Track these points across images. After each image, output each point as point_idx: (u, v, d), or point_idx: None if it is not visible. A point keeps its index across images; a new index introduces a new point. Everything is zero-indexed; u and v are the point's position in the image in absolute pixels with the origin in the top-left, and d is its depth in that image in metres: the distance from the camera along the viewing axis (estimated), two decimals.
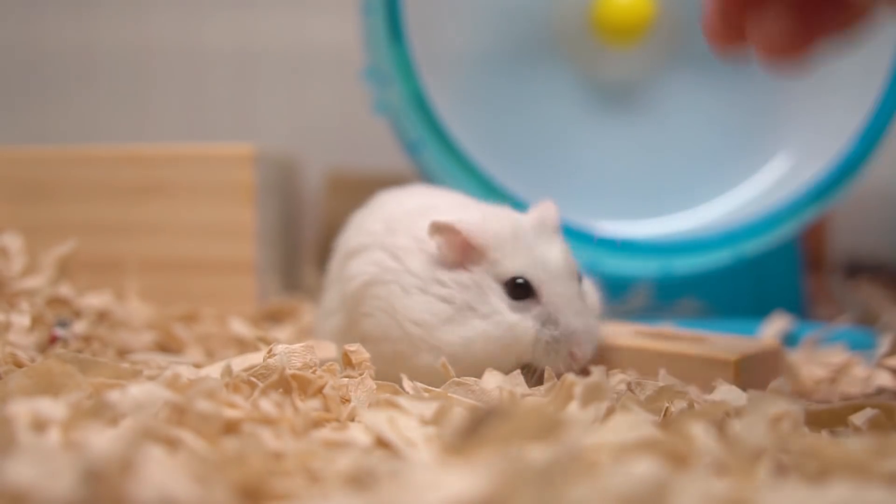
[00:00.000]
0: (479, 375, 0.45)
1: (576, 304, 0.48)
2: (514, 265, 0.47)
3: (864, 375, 0.57)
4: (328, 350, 0.49)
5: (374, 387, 0.43)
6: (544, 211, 0.51)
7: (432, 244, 0.48)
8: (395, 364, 0.47)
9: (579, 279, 0.49)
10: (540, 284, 0.47)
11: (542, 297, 0.47)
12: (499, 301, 0.47)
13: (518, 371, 0.45)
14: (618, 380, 0.46)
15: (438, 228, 0.48)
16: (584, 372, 0.47)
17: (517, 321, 0.47)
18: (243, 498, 0.29)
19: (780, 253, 0.71)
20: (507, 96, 0.73)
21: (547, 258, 0.48)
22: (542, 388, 0.44)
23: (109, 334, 0.59)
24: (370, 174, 0.94)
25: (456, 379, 0.43)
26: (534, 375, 0.47)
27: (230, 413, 0.35)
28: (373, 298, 0.49)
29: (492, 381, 0.43)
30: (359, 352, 0.45)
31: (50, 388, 0.38)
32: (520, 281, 0.47)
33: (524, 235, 0.49)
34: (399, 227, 0.50)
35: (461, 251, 0.48)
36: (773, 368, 0.51)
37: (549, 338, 0.47)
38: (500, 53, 0.73)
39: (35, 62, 1.01)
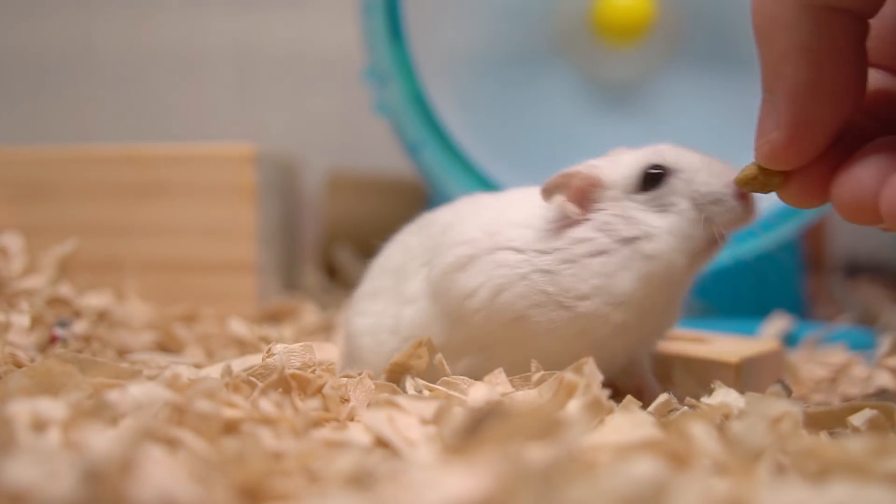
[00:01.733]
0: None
1: (705, 160, 0.45)
2: (636, 163, 0.45)
3: (864, 375, 0.57)
4: (328, 351, 0.49)
5: (373, 386, 0.43)
6: None
7: (539, 220, 0.45)
8: (573, 344, 0.44)
9: None
10: (671, 162, 0.44)
11: (678, 171, 0.44)
12: (645, 214, 0.44)
13: (501, 370, 0.43)
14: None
15: (553, 187, 0.44)
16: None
17: (676, 217, 0.43)
18: (243, 498, 0.29)
19: (780, 253, 0.71)
20: (508, 96, 0.73)
21: (656, 147, 0.46)
22: (540, 388, 0.44)
23: (109, 334, 0.59)
24: (370, 174, 0.94)
25: (447, 378, 0.43)
26: (717, 245, 0.44)
27: (230, 413, 0.35)
28: (518, 299, 0.44)
29: (479, 391, 0.43)
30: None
31: (50, 388, 0.38)
32: (654, 170, 0.44)
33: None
34: (498, 226, 0.46)
35: (582, 197, 0.45)
36: (773, 369, 0.51)
37: (708, 196, 0.43)
38: (500, 53, 0.73)
39: (35, 62, 1.01)
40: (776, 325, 0.65)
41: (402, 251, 0.52)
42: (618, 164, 0.45)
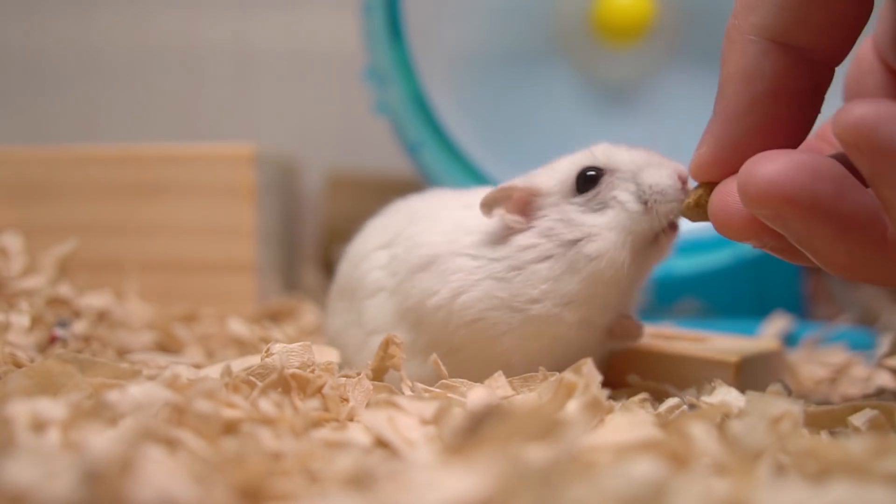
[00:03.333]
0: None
1: (641, 154, 0.46)
2: (570, 167, 0.46)
3: (864, 375, 0.57)
4: (328, 354, 0.49)
5: (371, 387, 0.43)
6: None
7: (491, 226, 0.46)
8: (531, 343, 0.45)
9: None
10: (606, 161, 0.45)
11: (614, 169, 0.45)
12: (585, 215, 0.45)
13: (500, 373, 0.43)
14: (639, 398, 0.45)
15: (491, 201, 0.45)
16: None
17: (615, 213, 0.45)
18: (243, 498, 0.29)
19: None
20: (507, 96, 0.73)
21: (588, 149, 0.47)
22: (539, 388, 0.44)
23: (109, 334, 0.59)
24: (370, 174, 0.94)
25: (446, 381, 0.43)
26: (666, 236, 0.45)
27: (230, 413, 0.35)
28: (475, 301, 0.46)
29: (479, 392, 0.43)
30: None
31: (50, 388, 0.38)
32: (591, 173, 0.45)
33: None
34: (456, 233, 0.47)
35: (524, 208, 0.46)
36: (773, 369, 0.51)
37: (648, 189, 0.44)
38: (500, 53, 0.73)
39: (35, 62, 1.01)
40: (776, 325, 0.65)
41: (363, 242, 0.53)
42: (554, 171, 0.47)
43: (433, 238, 0.48)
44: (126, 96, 1.01)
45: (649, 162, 0.45)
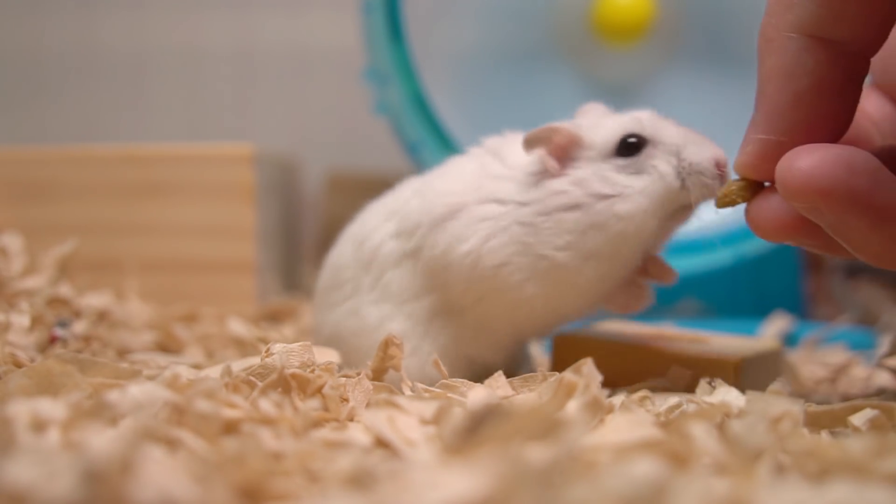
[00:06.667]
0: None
1: (685, 132, 0.46)
2: (616, 129, 0.46)
3: (864, 375, 0.57)
4: (328, 354, 0.49)
5: (371, 387, 0.43)
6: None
7: (519, 172, 0.47)
8: (550, 292, 0.46)
9: None
10: (652, 132, 0.46)
11: (657, 141, 0.45)
12: (621, 175, 0.45)
13: (500, 373, 0.44)
14: (639, 396, 0.45)
15: (534, 139, 0.45)
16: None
17: (651, 180, 0.45)
18: (243, 498, 0.29)
19: (780, 253, 0.71)
20: (508, 96, 0.73)
21: (636, 115, 0.47)
22: (539, 388, 0.44)
23: (109, 334, 0.59)
24: (370, 174, 0.94)
25: (446, 381, 0.43)
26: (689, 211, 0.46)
27: (230, 413, 0.35)
28: (501, 247, 0.46)
29: (479, 392, 0.43)
30: None
31: (50, 388, 0.38)
32: (632, 140, 0.45)
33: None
34: (481, 180, 0.48)
35: (562, 153, 0.46)
36: (773, 369, 0.51)
37: (688, 166, 0.45)
38: (500, 53, 0.73)
39: (35, 62, 1.01)
40: (776, 325, 0.65)
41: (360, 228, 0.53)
42: (598, 128, 0.47)
43: (456, 187, 0.48)
44: (126, 96, 1.01)
45: (692, 140, 0.46)
